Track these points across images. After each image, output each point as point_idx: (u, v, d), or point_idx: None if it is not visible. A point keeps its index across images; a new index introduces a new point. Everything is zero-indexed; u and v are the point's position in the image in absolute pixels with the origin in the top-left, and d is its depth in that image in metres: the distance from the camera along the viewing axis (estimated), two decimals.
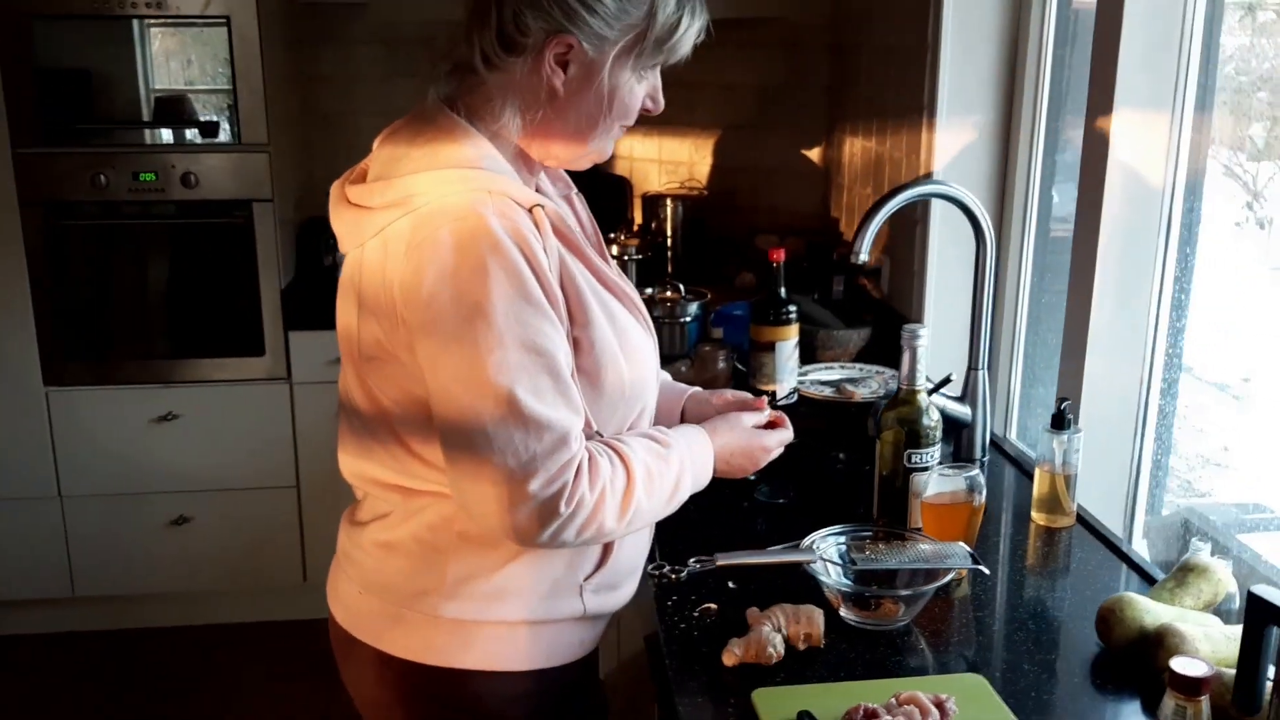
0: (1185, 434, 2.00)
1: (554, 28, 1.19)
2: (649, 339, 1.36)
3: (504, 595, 1.28)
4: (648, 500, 1.26)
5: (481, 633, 1.29)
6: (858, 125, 2.79)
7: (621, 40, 1.21)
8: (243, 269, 3.03)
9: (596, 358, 1.24)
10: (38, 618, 3.24)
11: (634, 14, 1.21)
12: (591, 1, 1.18)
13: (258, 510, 3.17)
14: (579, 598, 1.33)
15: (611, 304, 1.29)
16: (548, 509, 1.16)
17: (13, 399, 3.04)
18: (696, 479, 1.35)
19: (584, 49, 1.20)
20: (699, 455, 1.35)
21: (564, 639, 1.35)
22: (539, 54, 1.20)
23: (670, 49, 1.25)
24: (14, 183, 2.90)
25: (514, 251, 1.14)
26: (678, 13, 1.23)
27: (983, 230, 1.83)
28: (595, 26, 1.19)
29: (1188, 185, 1.73)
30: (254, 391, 3.11)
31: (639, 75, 1.26)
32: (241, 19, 2.89)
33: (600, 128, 1.26)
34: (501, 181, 1.19)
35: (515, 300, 1.14)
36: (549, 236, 1.19)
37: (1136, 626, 1.29)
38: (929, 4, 2.15)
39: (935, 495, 1.50)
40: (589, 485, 1.19)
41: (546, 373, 1.16)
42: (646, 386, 1.34)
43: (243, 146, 2.97)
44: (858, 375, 2.20)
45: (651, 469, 1.26)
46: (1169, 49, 1.68)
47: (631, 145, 3.50)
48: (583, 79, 1.22)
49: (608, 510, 1.21)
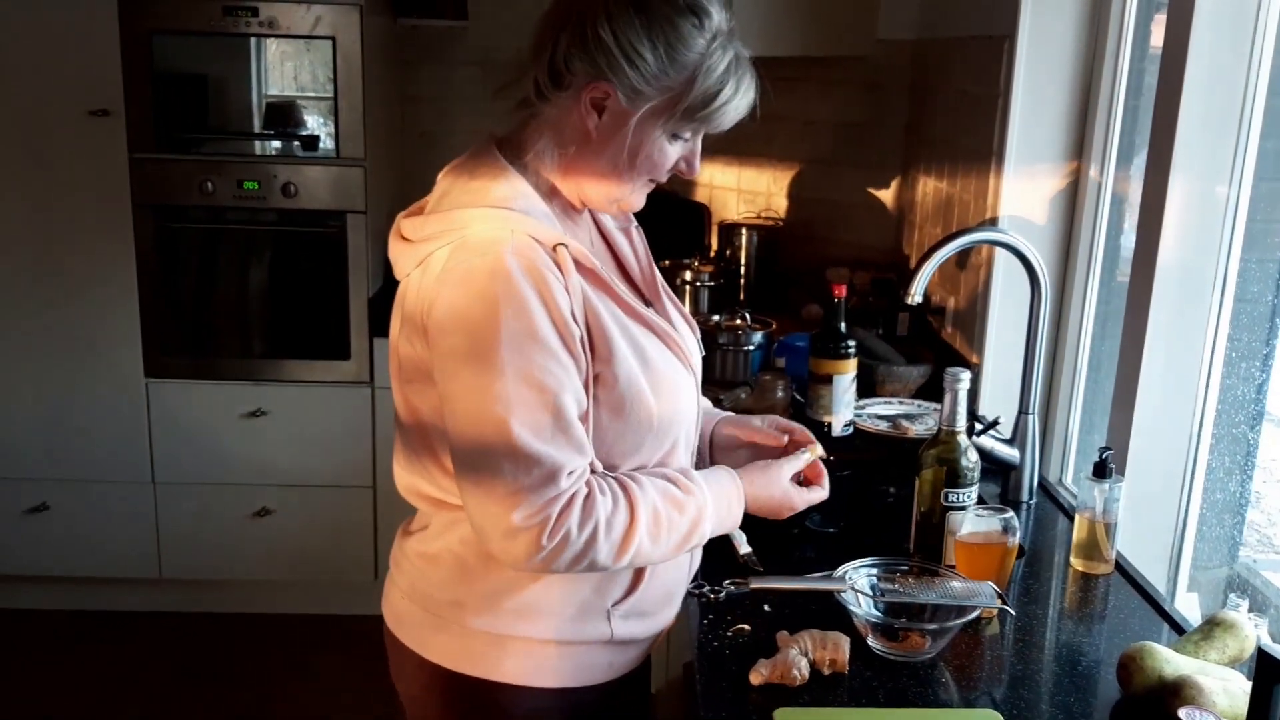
0: (1270, 488, 1.97)
1: (595, 73, 1.24)
2: (686, 374, 1.39)
3: (531, 613, 1.34)
4: (652, 543, 1.28)
5: (511, 647, 1.35)
6: (931, 166, 2.83)
7: (657, 99, 1.25)
8: (334, 277, 3.17)
9: (621, 392, 1.28)
10: (126, 596, 3.42)
11: (674, 77, 1.24)
12: (634, 57, 1.22)
13: (335, 507, 3.31)
14: (606, 622, 1.37)
15: (642, 339, 1.32)
16: (530, 540, 1.22)
17: (115, 388, 3.22)
18: (720, 523, 1.37)
19: (619, 98, 1.24)
20: (726, 500, 1.37)
21: (592, 660, 1.39)
22: (579, 94, 1.25)
23: (705, 119, 1.27)
24: (129, 186, 3.09)
25: (526, 289, 1.20)
26: (719, 86, 1.25)
27: (1038, 277, 1.86)
28: (633, 80, 1.23)
29: (1247, 238, 1.75)
30: (338, 393, 3.25)
31: (671, 136, 1.29)
32: (346, 39, 3.04)
33: (626, 177, 1.30)
34: (527, 221, 1.24)
35: (521, 336, 1.20)
36: (571, 274, 1.24)
37: (1156, 675, 1.31)
38: (1003, 52, 2.19)
39: (970, 534, 1.54)
40: (578, 522, 1.22)
41: (546, 409, 1.21)
42: (679, 420, 1.37)
43: (341, 160, 3.12)
44: (915, 411, 2.24)
45: (660, 512, 1.29)
46: (1231, 105, 1.70)
47: (712, 174, 3.57)
48: (614, 126, 1.26)
49: (600, 548, 1.24)
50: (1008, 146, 2.18)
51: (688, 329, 1.47)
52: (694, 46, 1.24)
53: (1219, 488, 1.88)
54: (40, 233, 3.14)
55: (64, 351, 3.21)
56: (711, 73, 1.25)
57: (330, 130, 3.12)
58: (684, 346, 1.40)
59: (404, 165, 3.56)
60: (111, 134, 3.05)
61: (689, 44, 1.24)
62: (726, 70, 1.25)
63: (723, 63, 1.25)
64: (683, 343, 1.40)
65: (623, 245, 1.47)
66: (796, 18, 2.87)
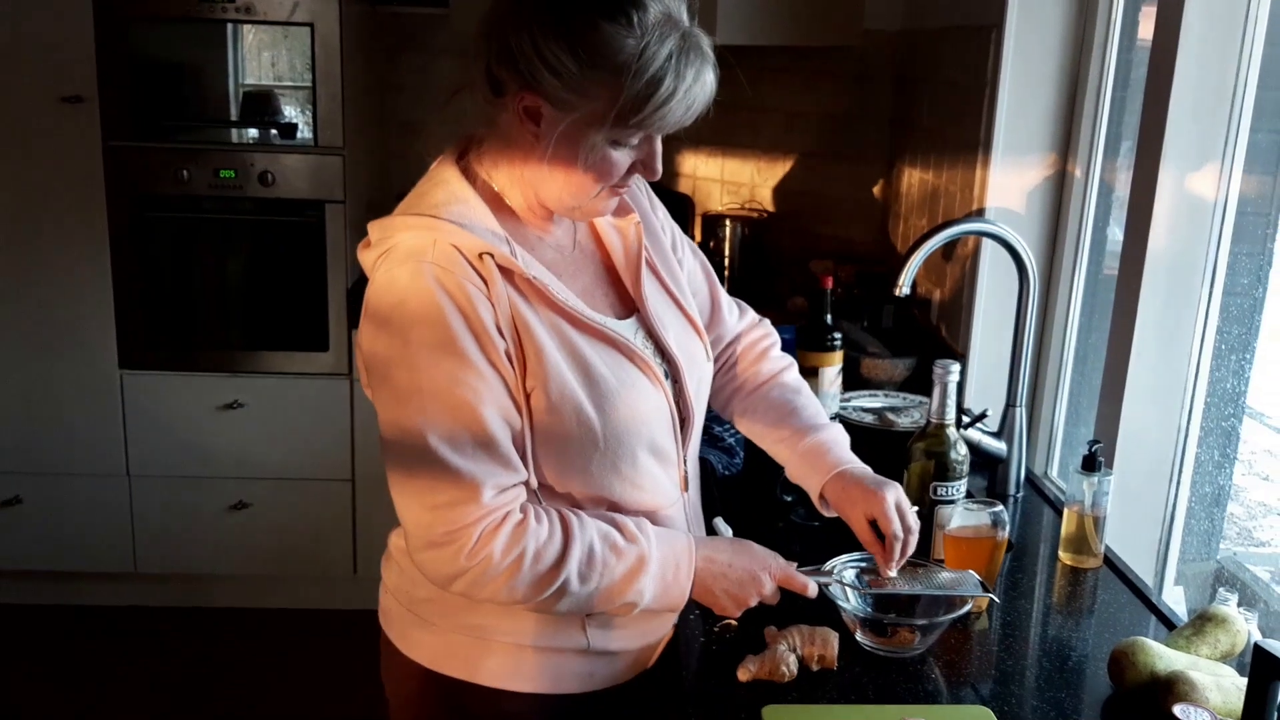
0: (1250, 481, 1.98)
1: (523, 82, 1.17)
2: (649, 383, 1.31)
3: (508, 615, 1.31)
4: (580, 583, 1.21)
5: (489, 649, 1.33)
6: (917, 157, 2.81)
7: (587, 106, 1.16)
8: (312, 267, 3.13)
9: (556, 409, 1.22)
10: (101, 591, 3.38)
11: (597, 84, 1.14)
12: (555, 65, 1.14)
13: (313, 501, 3.27)
14: (582, 631, 1.34)
15: (588, 350, 1.25)
16: (449, 556, 1.18)
17: (89, 379, 3.18)
18: (665, 588, 1.27)
19: (549, 107, 1.17)
20: (674, 563, 1.28)
21: (571, 669, 1.36)
22: (514, 102, 1.19)
23: (644, 123, 1.17)
24: (103, 174, 3.04)
25: (443, 300, 1.16)
26: (654, 87, 1.14)
27: (1026, 268, 1.85)
28: (558, 89, 1.15)
29: (1236, 231, 1.74)
30: (316, 385, 3.21)
31: (615, 143, 1.20)
32: (324, 26, 2.99)
33: (577, 185, 1.22)
34: (454, 230, 1.19)
35: (437, 350, 1.16)
36: (495, 285, 1.18)
37: (1148, 671, 1.30)
38: (990, 43, 2.17)
39: (959, 528, 1.53)
40: (503, 546, 1.18)
41: (464, 423, 1.17)
42: (635, 433, 1.29)
43: (319, 149, 3.08)
44: (900, 404, 2.23)
45: (596, 554, 1.22)
46: (1221, 97, 1.69)
47: (695, 164, 3.55)
48: (552, 134, 1.19)
49: (522, 578, 1.19)
50: (995, 137, 2.17)
51: (682, 333, 1.39)
52: (621, 48, 1.13)
53: (1207, 481, 1.88)
54: (11, 221, 3.08)
55: (36, 342, 3.16)
56: (643, 73, 1.13)
57: (308, 119, 3.07)
58: (643, 355, 1.31)
59: (383, 154, 3.52)
60: (85, 121, 3.00)
61: (615, 45, 1.13)
62: (664, 65, 1.14)
63: (658, 58, 1.13)
64: (641, 350, 1.31)
65: (614, 242, 1.38)
66: (782, 7, 2.85)
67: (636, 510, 1.32)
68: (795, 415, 1.51)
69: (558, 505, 1.26)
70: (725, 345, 1.59)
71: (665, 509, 1.36)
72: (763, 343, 1.60)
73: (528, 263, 1.23)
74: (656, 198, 1.50)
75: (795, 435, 1.49)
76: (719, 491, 1.85)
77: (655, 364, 1.33)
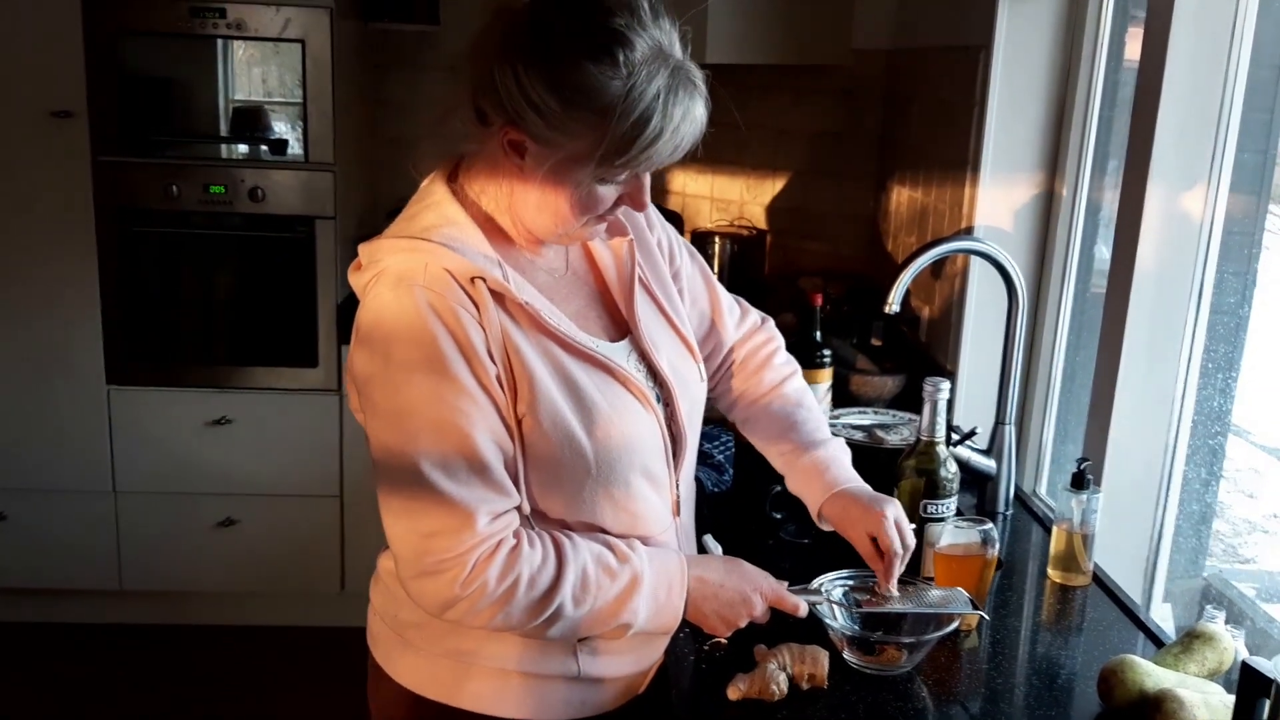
0: (1235, 498, 1.98)
1: (506, 119, 1.16)
2: (641, 408, 1.29)
3: (494, 640, 1.29)
4: (574, 606, 1.20)
5: (473, 673, 1.31)
6: (905, 175, 2.82)
7: (571, 144, 1.15)
8: (301, 283, 3.13)
9: (545, 433, 1.21)
10: (86, 608, 3.35)
11: (582, 124, 1.13)
12: (539, 103, 1.13)
13: (301, 517, 3.25)
14: (573, 657, 1.31)
15: (580, 375, 1.24)
16: (443, 584, 1.17)
17: (76, 395, 3.16)
18: (658, 608, 1.26)
19: (534, 144, 1.17)
20: (666, 583, 1.26)
21: (560, 696, 1.33)
22: (499, 135, 1.18)
23: (630, 163, 1.16)
24: (93, 189, 3.03)
25: (435, 324, 1.15)
26: (641, 128, 1.12)
27: (1014, 286, 1.86)
28: (541, 128, 1.14)
29: (1222, 250, 1.75)
30: (305, 401, 3.20)
31: (600, 179, 1.19)
32: (315, 42, 3.00)
33: (563, 216, 1.22)
34: (445, 254, 1.18)
35: (430, 375, 1.15)
36: (487, 309, 1.18)
37: (1137, 689, 1.30)
38: (978, 62, 2.19)
39: (949, 546, 1.53)
40: (497, 574, 1.16)
41: (458, 449, 1.16)
42: (626, 460, 1.27)
43: (309, 165, 3.07)
44: (890, 421, 2.23)
45: (590, 576, 1.21)
46: (1207, 118, 1.70)
47: (685, 181, 3.56)
48: (538, 169, 1.18)
49: (517, 604, 1.18)
50: (983, 156, 2.18)
51: (675, 355, 1.38)
52: (606, 89, 1.11)
53: (1195, 499, 1.88)
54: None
55: (23, 357, 3.14)
56: (629, 114, 1.12)
57: (299, 134, 3.07)
58: (634, 379, 1.29)
59: (374, 170, 3.52)
60: (74, 136, 2.99)
61: (600, 87, 1.12)
62: (651, 105, 1.12)
63: (645, 98, 1.12)
64: (633, 374, 1.30)
65: (607, 262, 1.37)
66: (771, 26, 2.86)
67: (629, 536, 1.30)
68: (795, 430, 1.50)
69: (549, 529, 1.25)
70: (726, 351, 1.57)
71: (658, 535, 1.34)
72: (765, 349, 1.58)
73: (520, 286, 1.23)
74: (652, 204, 1.49)
75: (795, 451, 1.49)
76: (708, 509, 1.85)
77: (647, 388, 1.32)
